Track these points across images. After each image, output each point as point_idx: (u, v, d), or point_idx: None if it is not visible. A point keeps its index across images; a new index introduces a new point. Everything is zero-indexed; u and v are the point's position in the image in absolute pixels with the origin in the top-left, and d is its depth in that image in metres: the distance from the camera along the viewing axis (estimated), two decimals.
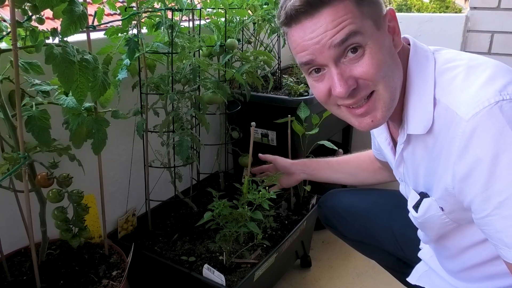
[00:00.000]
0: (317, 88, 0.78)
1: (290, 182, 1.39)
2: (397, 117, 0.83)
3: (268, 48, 1.95)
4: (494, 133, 0.65)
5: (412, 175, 0.88)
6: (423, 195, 0.85)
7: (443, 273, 1.01)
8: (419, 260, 1.11)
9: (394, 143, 0.95)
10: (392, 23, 0.75)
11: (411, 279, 1.08)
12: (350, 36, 0.70)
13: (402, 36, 0.80)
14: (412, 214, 0.90)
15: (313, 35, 0.71)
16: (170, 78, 1.36)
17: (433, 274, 1.04)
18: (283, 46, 1.95)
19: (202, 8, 1.51)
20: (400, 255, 1.22)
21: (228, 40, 1.53)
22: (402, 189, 0.99)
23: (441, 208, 0.81)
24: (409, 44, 0.82)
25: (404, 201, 1.01)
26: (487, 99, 0.66)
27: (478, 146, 0.67)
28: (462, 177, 0.71)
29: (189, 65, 1.33)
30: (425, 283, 1.04)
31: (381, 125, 0.81)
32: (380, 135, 0.98)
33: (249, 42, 1.87)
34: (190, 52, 1.34)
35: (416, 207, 0.87)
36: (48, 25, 1.06)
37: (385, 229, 1.22)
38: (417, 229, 1.06)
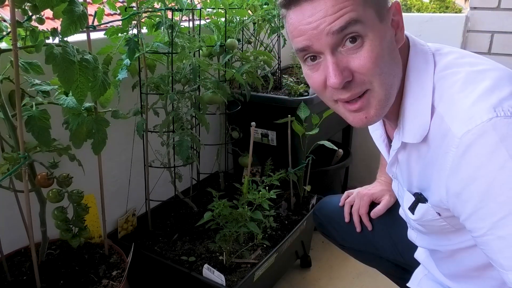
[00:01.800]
0: (312, 78, 0.74)
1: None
2: (393, 117, 0.82)
3: (268, 48, 1.95)
4: (486, 152, 0.63)
5: (406, 177, 0.86)
6: (418, 197, 0.83)
7: (439, 274, 0.99)
8: (417, 265, 1.09)
9: (389, 139, 0.93)
10: (397, 17, 0.72)
11: (412, 284, 1.06)
12: (350, 24, 0.66)
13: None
14: (408, 215, 0.88)
15: (311, 19, 0.67)
16: (170, 78, 1.36)
17: (432, 278, 1.03)
18: (283, 46, 1.95)
19: (202, 8, 1.51)
20: (399, 261, 1.19)
21: (228, 40, 1.53)
22: (394, 187, 0.97)
23: (438, 213, 0.80)
24: (409, 41, 0.79)
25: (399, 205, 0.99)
26: (480, 117, 0.64)
27: (470, 164, 0.65)
28: (455, 192, 0.69)
29: (189, 65, 1.33)
30: (426, 287, 1.03)
31: (375, 122, 0.77)
32: (374, 131, 0.96)
33: (249, 42, 1.87)
34: (190, 52, 1.34)
35: (412, 208, 0.85)
36: (48, 25, 1.06)
37: (383, 235, 1.20)
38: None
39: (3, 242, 1.15)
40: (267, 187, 1.35)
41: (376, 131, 0.95)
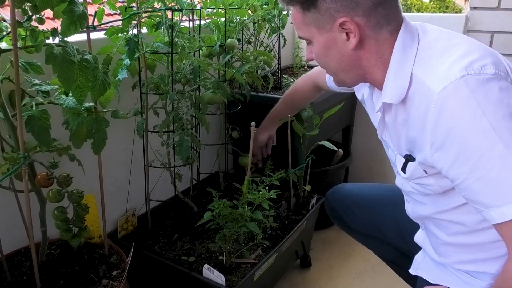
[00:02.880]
0: None
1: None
2: (381, 87, 0.95)
3: (268, 48, 1.95)
4: (460, 103, 0.75)
5: (395, 142, 0.98)
6: (407, 157, 0.94)
7: (432, 252, 1.05)
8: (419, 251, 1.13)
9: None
10: (347, 27, 0.86)
11: (412, 270, 1.11)
12: (301, 37, 0.96)
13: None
14: (401, 175, 0.99)
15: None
16: (170, 78, 1.36)
17: (430, 261, 1.07)
18: (283, 46, 1.95)
19: (202, 8, 1.51)
20: (404, 249, 1.25)
21: (228, 40, 1.53)
22: (389, 154, 1.07)
23: (425, 171, 0.90)
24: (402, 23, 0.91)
25: None
26: (454, 75, 0.77)
27: (448, 116, 0.76)
28: (439, 144, 0.79)
29: (189, 65, 1.33)
30: (422, 272, 1.07)
31: (341, 87, 1.08)
32: (378, 102, 1.05)
33: (249, 42, 1.87)
34: (190, 52, 1.34)
35: (403, 169, 0.96)
36: (48, 25, 1.06)
37: (391, 221, 1.26)
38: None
39: (3, 242, 1.15)
40: (267, 187, 1.35)
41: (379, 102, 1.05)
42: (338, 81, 1.01)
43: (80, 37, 1.14)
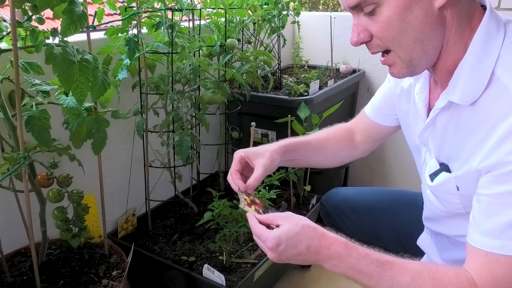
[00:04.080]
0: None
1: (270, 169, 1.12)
2: (446, 76, 0.80)
3: (268, 48, 1.95)
4: None
5: (438, 143, 0.86)
6: (443, 166, 0.83)
7: (440, 261, 1.01)
8: (421, 257, 1.11)
9: (429, 108, 0.92)
10: None
11: None
12: (361, 2, 0.72)
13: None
14: (426, 181, 0.89)
15: None
16: (170, 78, 1.36)
17: None
18: (283, 46, 1.96)
19: (202, 8, 1.51)
20: (403, 255, 1.22)
21: (228, 40, 1.54)
22: (422, 154, 0.95)
23: (457, 187, 0.80)
24: (484, 7, 0.78)
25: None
26: None
27: None
28: (494, 163, 0.69)
29: (189, 65, 1.34)
30: None
31: (405, 77, 0.82)
32: (419, 94, 0.93)
33: (249, 42, 1.87)
34: (190, 52, 1.34)
35: (433, 175, 0.86)
36: (48, 25, 1.06)
37: (389, 228, 1.23)
38: (420, 226, 1.07)
39: (3, 242, 1.15)
40: (267, 187, 1.35)
41: (421, 94, 0.93)
42: (409, 66, 0.77)
43: (80, 37, 1.14)
